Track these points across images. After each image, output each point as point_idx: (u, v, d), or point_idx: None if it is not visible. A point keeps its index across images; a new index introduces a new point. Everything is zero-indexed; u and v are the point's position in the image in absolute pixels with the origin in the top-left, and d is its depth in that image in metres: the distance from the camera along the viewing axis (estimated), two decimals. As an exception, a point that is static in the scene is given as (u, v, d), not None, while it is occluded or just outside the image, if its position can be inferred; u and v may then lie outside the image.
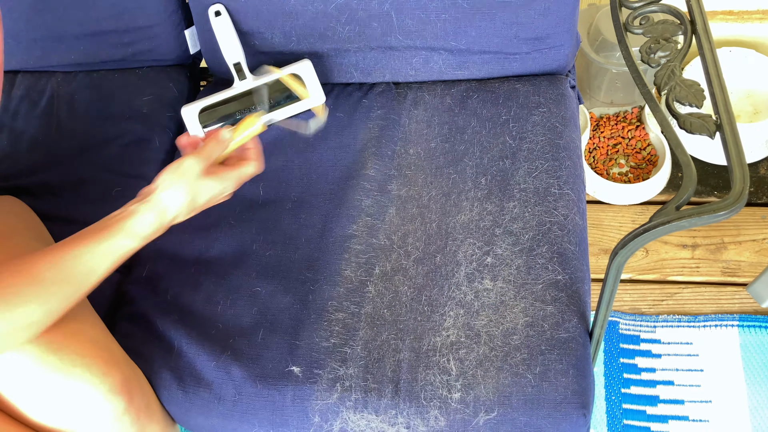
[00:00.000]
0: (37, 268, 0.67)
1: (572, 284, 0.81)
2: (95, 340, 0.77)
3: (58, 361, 0.72)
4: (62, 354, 0.72)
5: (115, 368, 0.75)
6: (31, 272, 0.66)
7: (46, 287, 0.66)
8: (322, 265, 0.88)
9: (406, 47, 1.00)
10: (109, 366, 0.75)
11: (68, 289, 0.68)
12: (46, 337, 0.72)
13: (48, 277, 0.67)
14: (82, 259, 0.68)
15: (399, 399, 0.76)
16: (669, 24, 0.79)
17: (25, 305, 0.65)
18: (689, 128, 0.69)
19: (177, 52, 1.11)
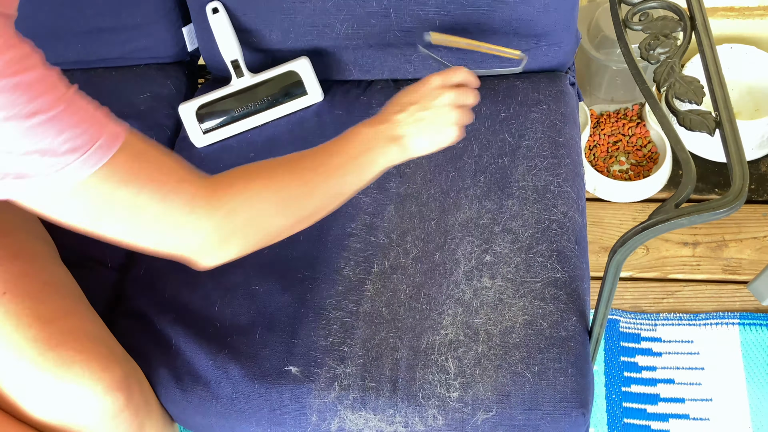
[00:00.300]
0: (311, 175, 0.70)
1: (571, 282, 0.80)
2: (93, 336, 0.77)
3: (56, 358, 0.72)
4: (60, 351, 0.72)
5: (114, 365, 0.75)
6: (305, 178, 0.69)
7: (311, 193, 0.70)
8: (320, 263, 0.88)
9: (404, 44, 0.99)
10: (107, 362, 0.75)
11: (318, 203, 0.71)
12: (44, 333, 0.72)
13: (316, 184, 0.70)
14: (346, 179, 0.72)
15: (397, 398, 0.76)
16: (668, 20, 0.78)
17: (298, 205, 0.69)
18: (689, 125, 0.68)
19: (174, 50, 1.11)
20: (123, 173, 0.57)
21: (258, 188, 0.66)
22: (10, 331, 0.72)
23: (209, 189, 0.63)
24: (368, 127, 0.75)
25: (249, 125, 1.03)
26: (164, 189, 0.60)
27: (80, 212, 0.58)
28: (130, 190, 0.58)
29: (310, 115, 1.03)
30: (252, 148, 1.01)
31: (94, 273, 0.93)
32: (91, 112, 0.56)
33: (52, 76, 0.54)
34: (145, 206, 0.59)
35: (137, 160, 0.59)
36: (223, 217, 0.63)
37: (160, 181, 0.60)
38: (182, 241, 0.63)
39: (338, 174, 0.72)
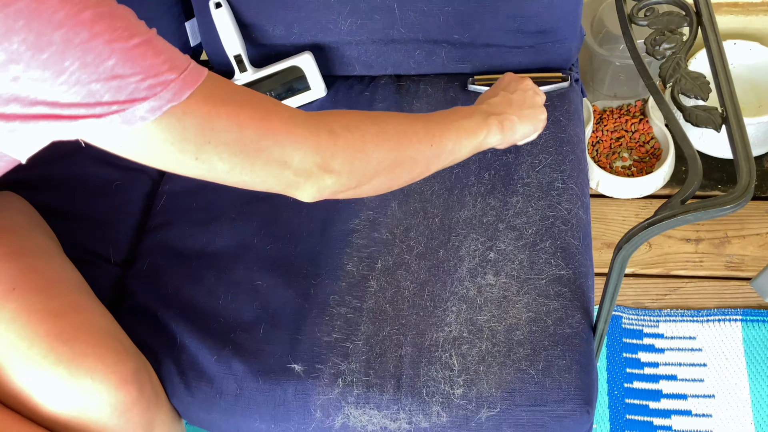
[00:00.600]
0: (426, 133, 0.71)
1: (576, 279, 0.80)
2: (105, 331, 0.76)
3: (69, 352, 0.72)
4: (73, 345, 0.72)
5: (125, 358, 0.75)
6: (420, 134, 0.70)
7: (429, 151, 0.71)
8: (323, 259, 0.88)
9: (408, 40, 0.99)
10: (119, 356, 0.75)
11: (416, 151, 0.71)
12: (55, 328, 0.72)
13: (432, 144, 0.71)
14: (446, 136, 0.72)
15: (401, 394, 0.76)
16: (674, 15, 0.78)
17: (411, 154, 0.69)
18: (695, 121, 0.68)
19: (177, 44, 1.09)
20: (220, 93, 0.58)
21: (358, 118, 0.67)
22: (21, 326, 0.71)
23: (307, 113, 0.64)
24: (465, 108, 0.78)
25: (252, 121, 1.02)
26: (263, 108, 0.60)
27: (183, 141, 0.56)
28: (230, 109, 0.58)
29: (313, 111, 1.02)
30: (255, 143, 1.01)
31: (96, 268, 0.93)
32: (171, 47, 0.57)
33: (132, 11, 0.55)
34: (246, 125, 0.59)
35: (230, 85, 0.60)
36: (324, 135, 0.62)
37: (258, 102, 0.60)
38: (285, 162, 0.61)
39: (438, 128, 0.72)
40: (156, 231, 0.95)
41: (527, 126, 0.80)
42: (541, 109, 0.82)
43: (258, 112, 0.60)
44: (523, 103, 0.80)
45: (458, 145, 0.73)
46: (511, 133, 0.78)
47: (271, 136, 0.60)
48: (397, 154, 0.68)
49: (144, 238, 0.96)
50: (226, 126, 0.58)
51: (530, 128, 0.81)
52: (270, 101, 0.62)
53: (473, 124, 0.75)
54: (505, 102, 0.79)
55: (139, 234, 0.97)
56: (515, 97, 0.80)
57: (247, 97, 0.60)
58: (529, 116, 0.80)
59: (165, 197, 0.98)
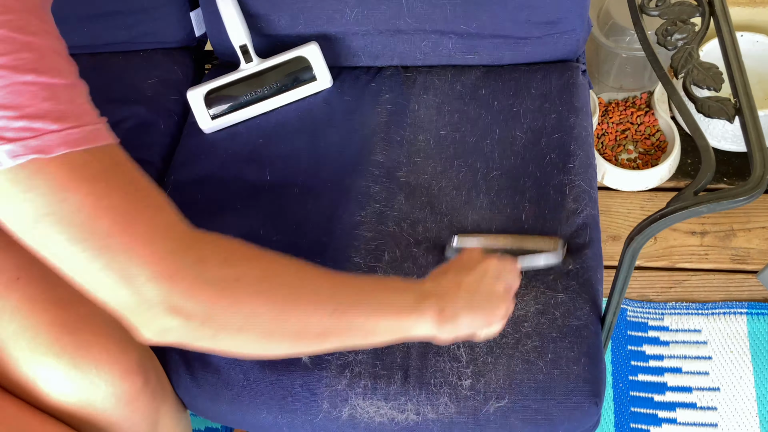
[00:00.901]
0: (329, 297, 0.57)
1: (584, 273, 0.80)
2: (109, 320, 0.76)
3: (74, 341, 0.71)
4: (78, 335, 0.72)
5: (130, 348, 0.75)
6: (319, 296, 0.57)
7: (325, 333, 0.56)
8: (330, 251, 0.87)
9: (414, 30, 0.98)
10: (124, 346, 0.74)
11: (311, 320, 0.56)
12: (60, 317, 0.72)
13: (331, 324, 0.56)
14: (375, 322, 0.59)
15: (408, 386, 0.76)
16: (686, 6, 0.77)
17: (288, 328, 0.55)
18: (707, 112, 0.67)
19: (182, 35, 1.09)
20: (102, 172, 0.49)
21: (246, 256, 0.55)
22: (26, 315, 0.71)
23: (188, 231, 0.52)
24: (406, 280, 0.66)
25: (257, 111, 1.02)
26: (140, 206, 0.50)
27: (28, 198, 0.48)
28: (98, 189, 0.48)
29: (318, 102, 1.02)
30: (260, 133, 1.00)
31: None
32: (88, 103, 0.51)
33: (64, 51, 0.51)
34: (104, 213, 0.49)
35: (122, 172, 0.51)
36: (191, 262, 0.51)
37: (139, 198, 0.51)
38: (128, 278, 0.49)
39: (350, 295, 0.59)
40: (161, 222, 0.95)
41: (477, 319, 0.65)
42: (500, 300, 0.66)
43: (127, 206, 0.49)
44: (479, 290, 0.65)
45: (372, 325, 0.59)
46: (453, 323, 0.63)
47: (124, 237, 0.49)
48: (279, 313, 0.54)
49: (149, 228, 0.95)
50: (79, 204, 0.48)
51: (480, 321, 0.65)
52: (154, 205, 0.52)
53: (401, 304, 0.61)
54: (453, 283, 0.65)
55: (144, 225, 0.97)
56: (470, 281, 0.65)
57: (131, 189, 0.50)
58: (480, 307, 0.65)
59: (171, 188, 0.97)
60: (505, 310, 0.67)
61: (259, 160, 0.97)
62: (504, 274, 0.68)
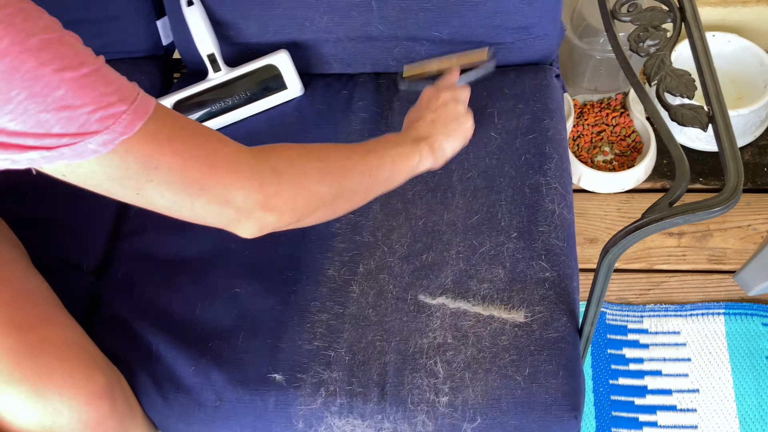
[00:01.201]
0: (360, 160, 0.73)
1: (560, 281, 0.79)
2: (73, 343, 0.74)
3: (35, 367, 0.69)
4: (39, 359, 0.70)
5: (96, 372, 0.73)
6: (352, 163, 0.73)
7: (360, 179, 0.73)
8: (304, 264, 0.86)
9: (387, 37, 0.96)
10: (89, 370, 0.72)
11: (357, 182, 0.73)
12: (20, 342, 0.69)
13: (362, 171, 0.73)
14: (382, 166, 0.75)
15: (385, 403, 0.74)
16: (658, 11, 0.77)
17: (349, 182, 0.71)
18: (681, 120, 0.67)
19: (148, 44, 1.07)
20: (167, 129, 0.56)
21: (300, 154, 0.67)
22: None
23: (251, 150, 0.64)
24: (395, 134, 0.81)
25: (227, 121, 1.00)
26: (208, 146, 0.60)
27: (126, 178, 0.56)
28: (175, 147, 0.57)
29: (290, 110, 1.00)
30: (231, 144, 0.98)
31: (68, 277, 0.89)
32: (119, 75, 0.56)
33: (79, 38, 0.54)
34: (190, 165, 0.58)
35: (176, 118, 0.59)
36: (268, 173, 0.63)
37: (203, 140, 0.60)
38: (227, 201, 0.61)
39: (374, 158, 0.74)
40: (130, 237, 0.92)
41: (456, 141, 0.83)
42: (465, 118, 0.85)
43: (202, 151, 0.59)
44: (447, 119, 0.83)
45: (394, 173, 0.76)
46: (441, 153, 0.82)
47: (214, 176, 0.60)
48: (338, 188, 0.70)
49: (118, 244, 0.93)
50: (169, 165, 0.57)
51: (459, 142, 0.84)
52: (215, 138, 0.62)
53: (406, 152, 0.78)
54: (429, 123, 0.82)
55: (112, 240, 0.94)
56: (438, 116, 0.83)
57: (193, 134, 0.60)
58: (454, 131, 0.83)
59: (138, 202, 0.95)
60: (470, 122, 0.85)
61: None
62: (457, 97, 0.85)
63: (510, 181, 0.87)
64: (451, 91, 0.86)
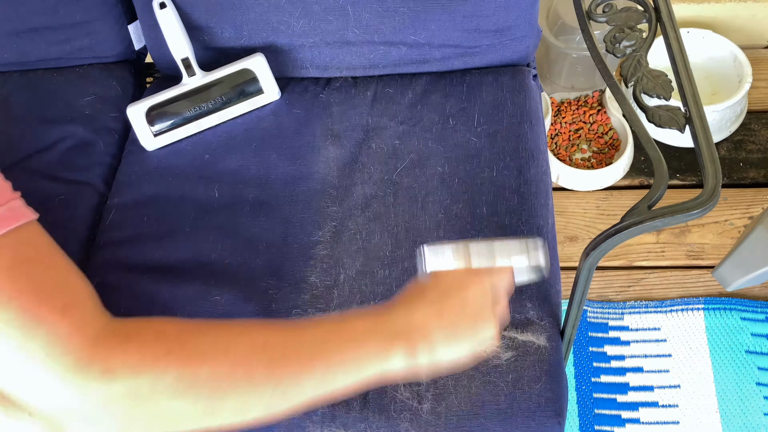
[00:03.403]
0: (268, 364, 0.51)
1: (542, 285, 0.79)
2: None
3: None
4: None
5: None
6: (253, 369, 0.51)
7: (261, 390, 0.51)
8: (285, 271, 0.84)
9: (363, 42, 0.95)
10: None
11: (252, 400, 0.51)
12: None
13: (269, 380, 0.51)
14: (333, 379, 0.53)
15: (368, 412, 0.73)
16: (633, 12, 0.77)
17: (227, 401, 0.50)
18: (658, 122, 0.67)
19: (120, 48, 1.05)
20: (10, 256, 0.47)
21: (163, 351, 0.49)
22: None
23: (96, 331, 0.49)
24: (370, 314, 0.57)
25: (203, 126, 0.98)
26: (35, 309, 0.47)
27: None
28: (8, 276, 0.46)
29: (266, 114, 0.99)
30: (207, 149, 0.97)
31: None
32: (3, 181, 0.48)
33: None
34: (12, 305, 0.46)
35: (38, 253, 0.49)
36: (95, 377, 0.47)
37: (50, 291, 0.48)
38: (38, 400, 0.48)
39: (293, 364, 0.52)
40: (105, 248, 0.90)
41: (459, 349, 0.57)
42: (488, 322, 0.57)
43: (37, 296, 0.47)
44: (462, 315, 0.56)
45: (329, 386, 0.53)
46: (430, 360, 0.56)
47: (33, 328, 0.46)
48: (207, 408, 0.50)
49: (93, 255, 0.91)
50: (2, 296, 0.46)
51: (464, 351, 0.57)
52: (68, 297, 0.49)
53: (362, 351, 0.54)
54: (432, 314, 0.56)
55: (87, 251, 0.92)
56: (451, 305, 0.57)
57: (45, 277, 0.48)
58: (463, 335, 0.56)
59: (114, 211, 0.93)
60: (495, 330, 0.58)
61: (206, 178, 0.94)
62: (491, 289, 0.59)
63: (490, 185, 0.86)
64: (483, 282, 0.59)
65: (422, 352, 0.55)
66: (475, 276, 0.59)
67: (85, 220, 0.93)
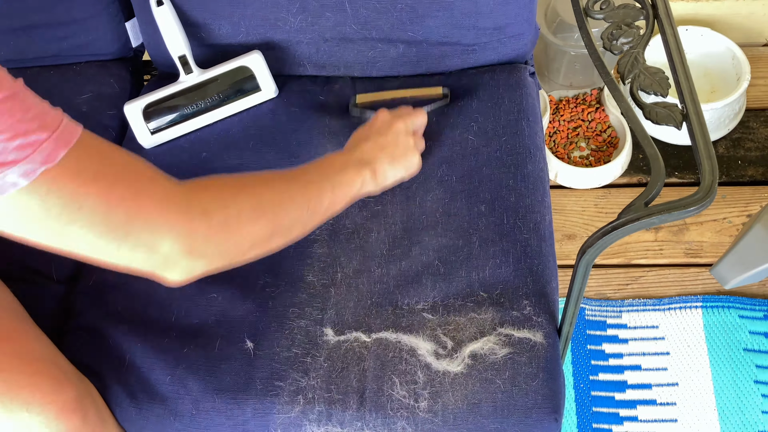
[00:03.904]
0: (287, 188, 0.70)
1: (539, 283, 0.78)
2: (42, 357, 0.72)
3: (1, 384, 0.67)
4: (5, 375, 0.68)
5: (66, 385, 0.71)
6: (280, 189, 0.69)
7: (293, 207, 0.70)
8: (282, 269, 0.84)
9: (361, 39, 0.95)
10: (58, 384, 0.71)
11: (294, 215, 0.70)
12: None
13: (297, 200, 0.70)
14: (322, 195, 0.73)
15: (365, 410, 0.73)
16: (630, 9, 0.76)
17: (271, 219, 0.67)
18: (655, 119, 0.66)
19: (117, 46, 1.04)
20: (93, 163, 0.53)
21: (234, 192, 0.65)
22: None
23: (182, 189, 0.60)
24: (338, 155, 0.79)
25: (200, 123, 0.98)
26: (136, 185, 0.57)
27: (46, 218, 0.52)
28: (101, 186, 0.54)
29: (264, 112, 0.99)
30: (204, 147, 0.97)
31: (39, 287, 0.87)
32: (41, 100, 0.53)
33: None
34: (116, 206, 0.55)
35: (103, 150, 0.56)
36: (198, 217, 0.59)
37: (132, 177, 0.57)
38: (153, 247, 0.57)
39: (314, 188, 0.72)
40: (102, 245, 0.90)
41: (399, 170, 0.82)
42: (413, 152, 0.83)
43: (130, 191, 0.56)
44: (396, 146, 0.81)
45: (334, 203, 0.74)
46: (383, 179, 0.80)
47: (141, 219, 0.56)
48: (273, 226, 0.67)
49: (89, 252, 0.91)
50: (94, 206, 0.54)
51: (402, 172, 0.82)
52: (146, 175, 0.59)
53: (348, 177, 0.76)
54: (376, 147, 0.80)
55: (83, 249, 0.92)
56: (387, 140, 0.81)
57: (122, 170, 0.57)
58: (400, 160, 0.81)
59: (110, 208, 0.93)
60: (417, 157, 0.84)
61: (203, 175, 0.93)
62: (410, 129, 0.84)
63: (488, 183, 0.86)
64: (406, 122, 0.84)
65: (379, 174, 0.79)
66: (397, 117, 0.84)
67: (81, 217, 0.93)
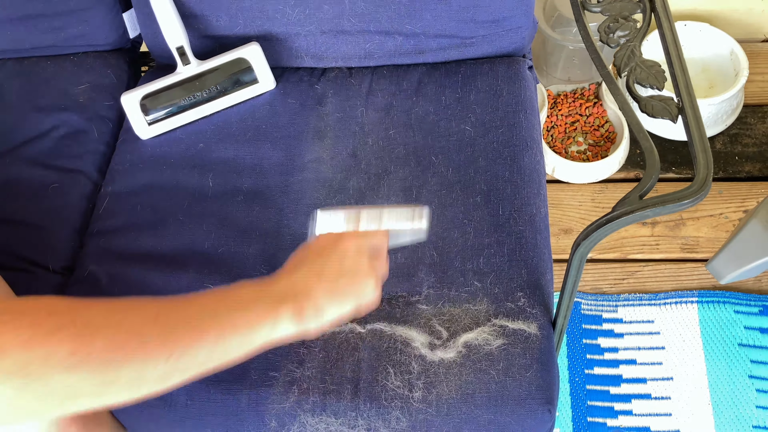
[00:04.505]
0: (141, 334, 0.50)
1: (534, 275, 0.79)
2: None
3: None
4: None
5: None
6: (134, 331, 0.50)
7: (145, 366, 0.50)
8: (279, 260, 0.84)
9: (359, 31, 0.95)
10: None
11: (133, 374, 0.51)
12: None
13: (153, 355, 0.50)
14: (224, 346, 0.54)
15: (359, 400, 0.74)
16: (627, 2, 0.76)
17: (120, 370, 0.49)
18: (651, 112, 0.66)
19: (115, 36, 1.04)
20: None
21: (56, 327, 0.48)
22: None
23: None
24: (254, 285, 0.59)
25: (197, 115, 0.98)
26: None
27: None
28: None
29: (261, 104, 0.99)
30: (201, 139, 0.97)
31: (34, 277, 0.88)
32: None
33: None
34: None
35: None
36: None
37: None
38: None
39: (188, 333, 0.53)
40: (98, 235, 0.90)
41: (343, 304, 0.60)
42: (366, 277, 0.61)
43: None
44: (339, 272, 0.60)
45: (222, 349, 0.54)
46: (318, 317, 0.59)
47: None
48: (101, 381, 0.49)
49: (86, 243, 0.91)
50: None
51: (347, 306, 0.61)
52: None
53: (251, 318, 0.56)
54: (311, 274, 0.60)
55: (80, 239, 0.92)
56: (327, 265, 0.61)
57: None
58: (345, 290, 0.60)
59: (108, 199, 0.93)
60: (372, 284, 0.62)
61: (200, 167, 0.94)
62: (363, 248, 0.63)
63: (484, 175, 0.86)
64: (358, 240, 0.63)
65: (309, 313, 0.58)
66: (348, 235, 0.63)
67: (78, 208, 0.93)
